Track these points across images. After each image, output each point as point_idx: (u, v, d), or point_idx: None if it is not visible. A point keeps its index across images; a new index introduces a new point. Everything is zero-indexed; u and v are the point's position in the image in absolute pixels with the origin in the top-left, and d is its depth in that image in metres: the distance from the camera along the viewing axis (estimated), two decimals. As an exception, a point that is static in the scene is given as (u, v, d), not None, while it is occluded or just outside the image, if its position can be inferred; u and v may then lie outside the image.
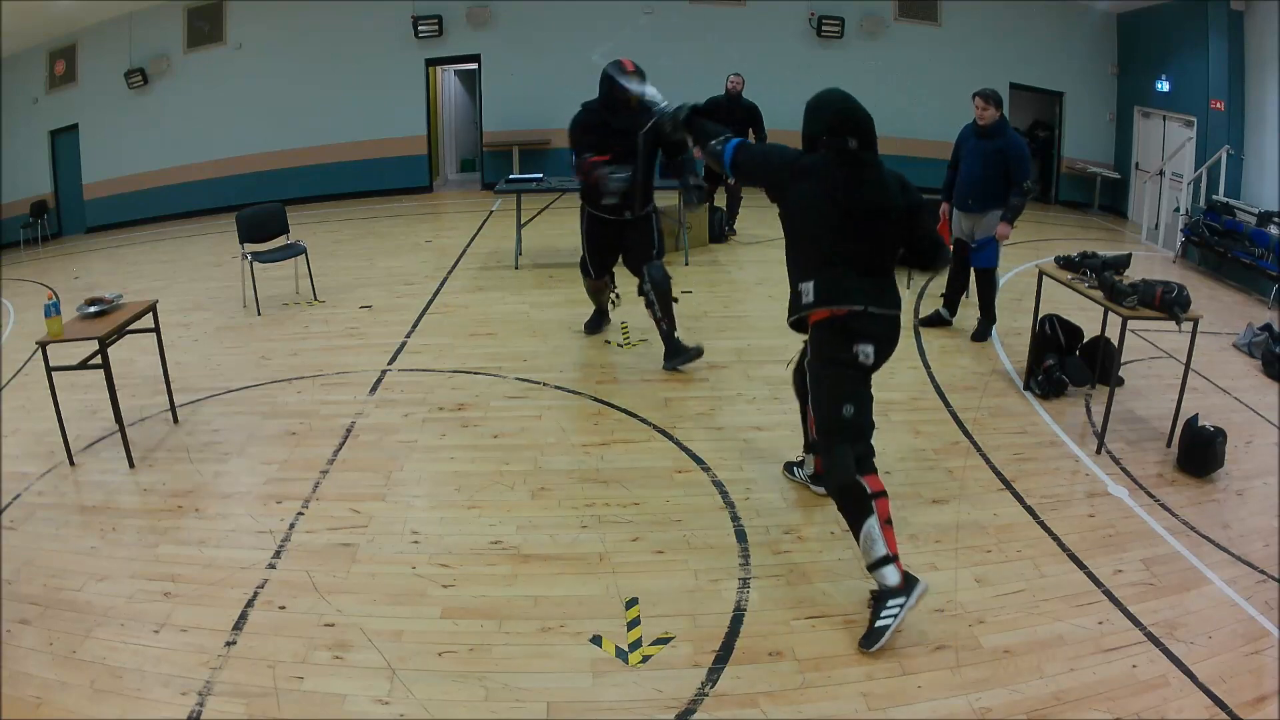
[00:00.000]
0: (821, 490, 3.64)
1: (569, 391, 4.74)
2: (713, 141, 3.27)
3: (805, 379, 3.40)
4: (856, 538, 2.85)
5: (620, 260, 5.11)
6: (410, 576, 3.13)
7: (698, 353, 5.02)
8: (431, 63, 11.24)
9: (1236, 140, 8.42)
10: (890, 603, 2.74)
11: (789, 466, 3.84)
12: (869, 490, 2.83)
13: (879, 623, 2.74)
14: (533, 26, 10.82)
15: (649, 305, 4.95)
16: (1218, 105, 8.52)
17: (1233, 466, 4.01)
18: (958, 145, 5.50)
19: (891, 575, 2.76)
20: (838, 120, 2.96)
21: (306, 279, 6.76)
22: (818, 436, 3.04)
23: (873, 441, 3.01)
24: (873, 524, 2.79)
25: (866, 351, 2.91)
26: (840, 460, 2.88)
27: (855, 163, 2.93)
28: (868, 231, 2.94)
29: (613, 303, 5.57)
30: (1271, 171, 7.91)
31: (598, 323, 5.72)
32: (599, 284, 5.32)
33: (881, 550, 2.76)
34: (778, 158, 3.10)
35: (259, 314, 6.29)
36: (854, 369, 2.93)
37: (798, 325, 3.12)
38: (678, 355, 5.00)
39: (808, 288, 2.95)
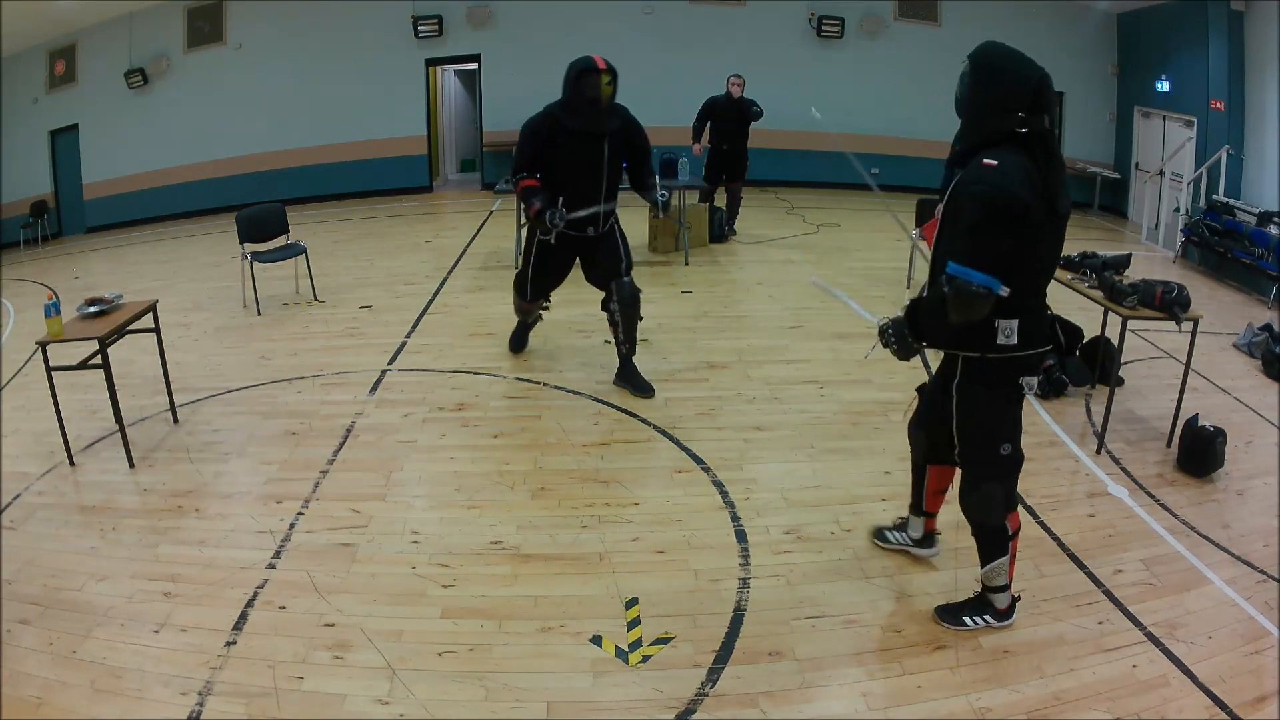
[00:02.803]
0: (928, 552, 3.21)
1: (569, 391, 4.74)
2: (970, 288, 2.33)
3: (945, 421, 2.74)
4: (981, 563, 2.78)
5: (573, 279, 4.74)
6: (410, 576, 3.13)
7: (649, 392, 4.61)
8: (431, 63, 11.25)
9: (1236, 140, 8.41)
10: (988, 616, 2.83)
11: (882, 533, 3.29)
12: (1009, 531, 2.72)
13: (966, 618, 2.84)
14: (533, 26, 10.83)
15: (612, 324, 4.57)
16: (1218, 105, 8.52)
17: (1233, 466, 4.01)
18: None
19: (1002, 600, 2.83)
20: (1046, 92, 2.33)
21: (306, 279, 6.76)
22: (965, 467, 2.72)
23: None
24: (1003, 562, 2.75)
25: (1032, 383, 2.61)
26: (990, 498, 2.67)
27: (1051, 150, 2.37)
28: (1062, 238, 2.50)
29: (540, 317, 5.22)
30: (1271, 171, 7.91)
31: (523, 338, 5.25)
32: (531, 306, 4.91)
33: (1002, 580, 2.78)
34: (1003, 212, 2.30)
35: (259, 314, 6.29)
36: (1016, 403, 2.64)
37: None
38: (630, 381, 4.67)
39: (1010, 326, 2.46)
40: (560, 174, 4.30)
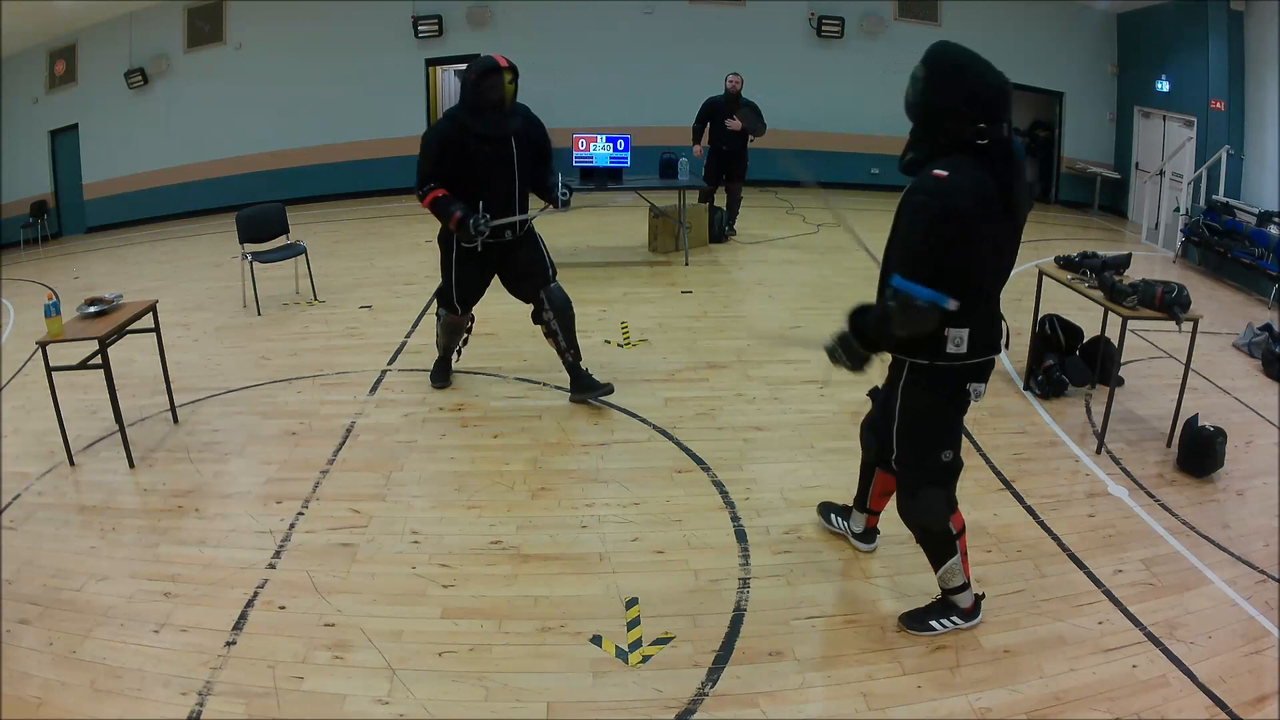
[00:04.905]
0: (867, 547, 3.28)
1: (569, 391, 4.74)
2: (915, 303, 2.29)
3: (887, 423, 2.75)
4: (935, 569, 2.78)
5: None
6: (410, 576, 3.13)
7: (608, 389, 4.51)
8: (431, 63, 11.24)
9: (1236, 140, 8.42)
10: (954, 617, 2.83)
11: (828, 512, 3.41)
12: (954, 532, 2.72)
13: (933, 623, 2.82)
14: (532, 26, 10.83)
15: (550, 335, 4.43)
16: (1218, 105, 8.52)
17: (1233, 466, 4.01)
18: None
19: (966, 599, 2.83)
20: (1004, 100, 2.24)
21: (306, 279, 6.76)
22: (902, 471, 2.71)
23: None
24: (955, 562, 2.75)
25: (979, 390, 2.55)
26: (930, 504, 2.66)
27: (1009, 155, 2.30)
28: (1018, 241, 2.44)
29: (459, 352, 4.83)
30: (1271, 171, 7.91)
31: (445, 372, 4.85)
32: (461, 321, 4.60)
33: (960, 580, 2.78)
34: (948, 226, 2.25)
35: (259, 314, 6.29)
36: (961, 410, 2.62)
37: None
38: (586, 389, 4.51)
39: (960, 335, 2.42)
40: (472, 180, 4.10)
